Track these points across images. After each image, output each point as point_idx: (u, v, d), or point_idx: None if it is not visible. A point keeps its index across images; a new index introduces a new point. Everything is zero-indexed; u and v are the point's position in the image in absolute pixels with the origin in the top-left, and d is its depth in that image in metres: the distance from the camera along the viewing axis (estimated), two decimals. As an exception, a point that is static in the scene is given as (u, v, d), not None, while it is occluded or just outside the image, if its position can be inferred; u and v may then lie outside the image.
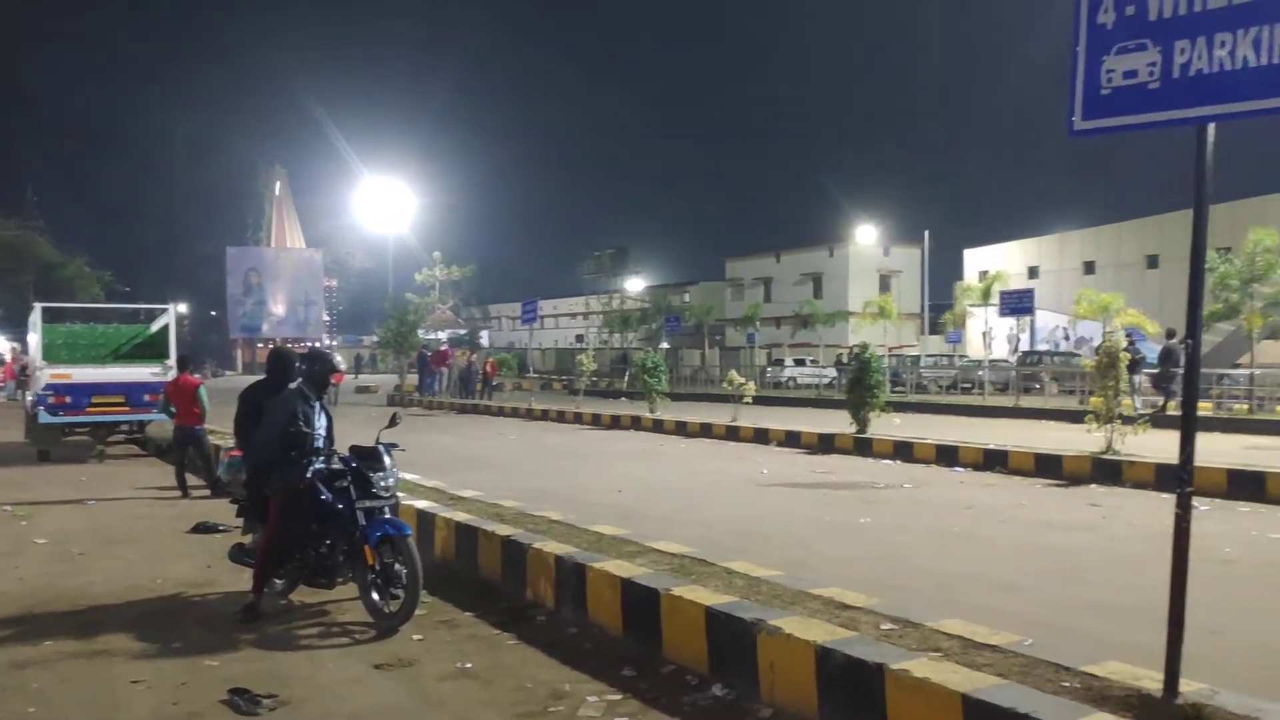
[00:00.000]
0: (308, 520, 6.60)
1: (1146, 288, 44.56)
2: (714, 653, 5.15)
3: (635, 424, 22.85)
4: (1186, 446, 3.57)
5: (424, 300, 53.02)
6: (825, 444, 17.12)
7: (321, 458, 6.67)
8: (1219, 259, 25.53)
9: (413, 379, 38.45)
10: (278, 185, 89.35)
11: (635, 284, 76.16)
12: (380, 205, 50.42)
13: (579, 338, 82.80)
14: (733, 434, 19.66)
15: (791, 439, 18.09)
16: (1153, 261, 46.07)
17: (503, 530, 7.44)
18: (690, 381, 43.08)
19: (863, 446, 16.41)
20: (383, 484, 6.57)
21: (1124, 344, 13.79)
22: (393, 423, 7.16)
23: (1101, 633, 5.82)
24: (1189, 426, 3.61)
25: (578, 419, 25.00)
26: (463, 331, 71.54)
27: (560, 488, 12.16)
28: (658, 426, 22.01)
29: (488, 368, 35.73)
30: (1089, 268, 52.35)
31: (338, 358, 7.47)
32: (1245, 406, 23.29)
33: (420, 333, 44.00)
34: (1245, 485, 11.23)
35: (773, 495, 11.95)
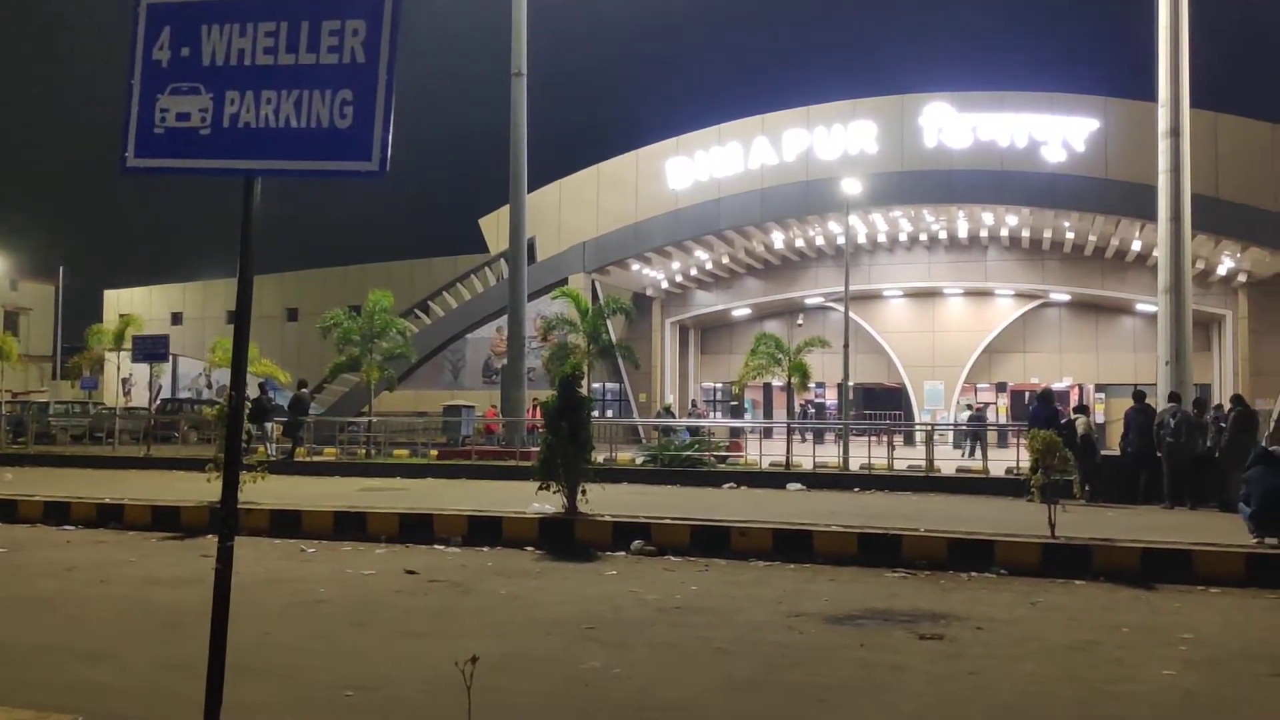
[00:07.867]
0: None
1: (286, 339, 46.44)
2: None
3: None
4: (228, 500, 3.54)
5: None
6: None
7: None
8: (345, 315, 27.73)
9: None
10: None
11: None
12: None
13: None
14: None
15: None
16: (292, 315, 48.31)
17: None
18: None
19: (-49, 509, 14.07)
20: None
21: (260, 393, 14.03)
22: None
23: (180, 691, 5.59)
24: (231, 478, 3.60)
25: None
26: None
27: None
28: None
29: None
30: (231, 316, 52.95)
31: None
32: (364, 451, 25.58)
33: None
34: (349, 527, 12.13)
35: None
